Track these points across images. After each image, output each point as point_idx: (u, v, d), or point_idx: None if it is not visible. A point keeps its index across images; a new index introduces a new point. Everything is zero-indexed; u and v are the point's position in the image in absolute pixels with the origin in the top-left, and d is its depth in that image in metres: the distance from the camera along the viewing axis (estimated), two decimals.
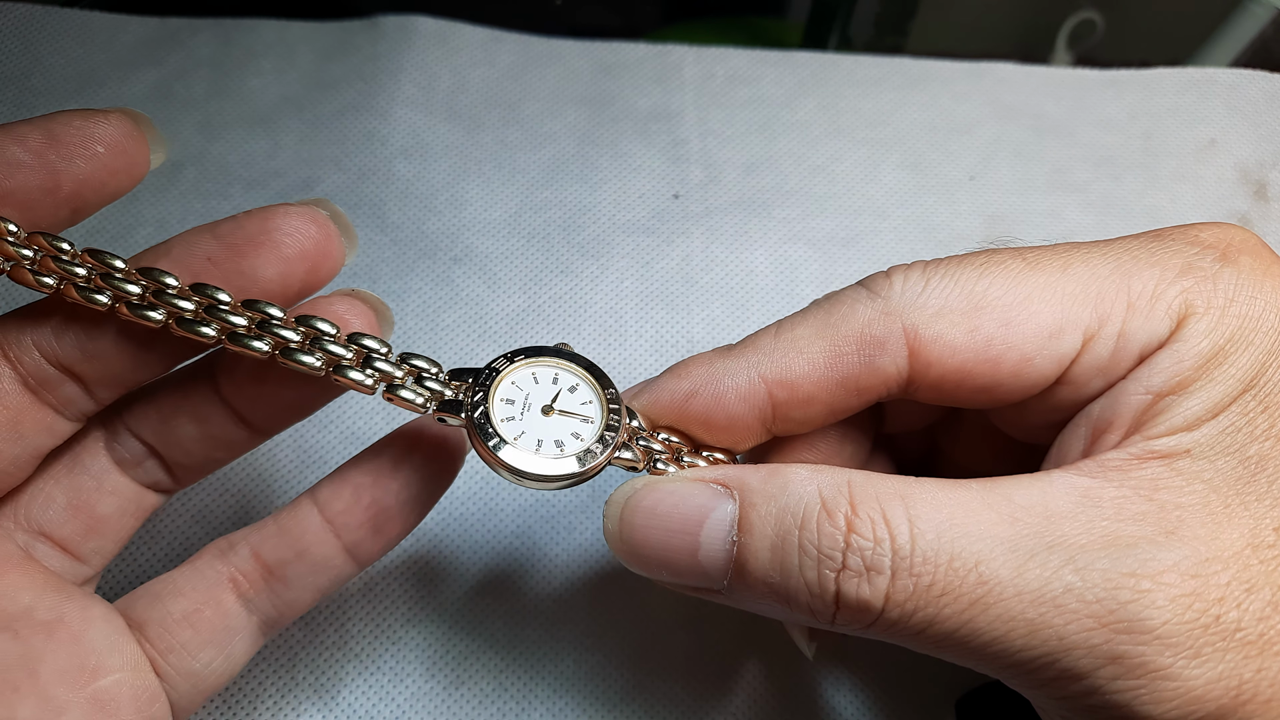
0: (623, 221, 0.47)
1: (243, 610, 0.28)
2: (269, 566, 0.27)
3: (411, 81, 0.49)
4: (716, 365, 0.27)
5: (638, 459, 0.27)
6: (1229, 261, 0.24)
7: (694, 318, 0.44)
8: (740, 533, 0.24)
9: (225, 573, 0.27)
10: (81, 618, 0.26)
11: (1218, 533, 0.22)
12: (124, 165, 0.24)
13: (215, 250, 0.25)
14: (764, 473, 0.24)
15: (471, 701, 0.36)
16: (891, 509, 0.23)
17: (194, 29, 0.50)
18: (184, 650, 0.27)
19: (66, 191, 0.24)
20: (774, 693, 0.37)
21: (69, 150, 0.23)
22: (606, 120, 0.49)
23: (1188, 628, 0.21)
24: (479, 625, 0.37)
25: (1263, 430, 0.23)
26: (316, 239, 0.26)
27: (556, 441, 0.26)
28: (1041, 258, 0.25)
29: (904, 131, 0.50)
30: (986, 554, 0.22)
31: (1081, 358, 0.24)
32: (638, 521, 0.25)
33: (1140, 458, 0.23)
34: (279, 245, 0.25)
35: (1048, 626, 0.22)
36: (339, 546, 0.28)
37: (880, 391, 0.26)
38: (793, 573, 0.23)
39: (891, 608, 0.22)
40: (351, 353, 0.26)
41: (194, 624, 0.27)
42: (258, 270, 0.25)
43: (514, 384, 0.27)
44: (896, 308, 0.25)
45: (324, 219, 0.26)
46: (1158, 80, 0.52)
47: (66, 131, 0.24)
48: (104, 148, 0.24)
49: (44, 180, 0.23)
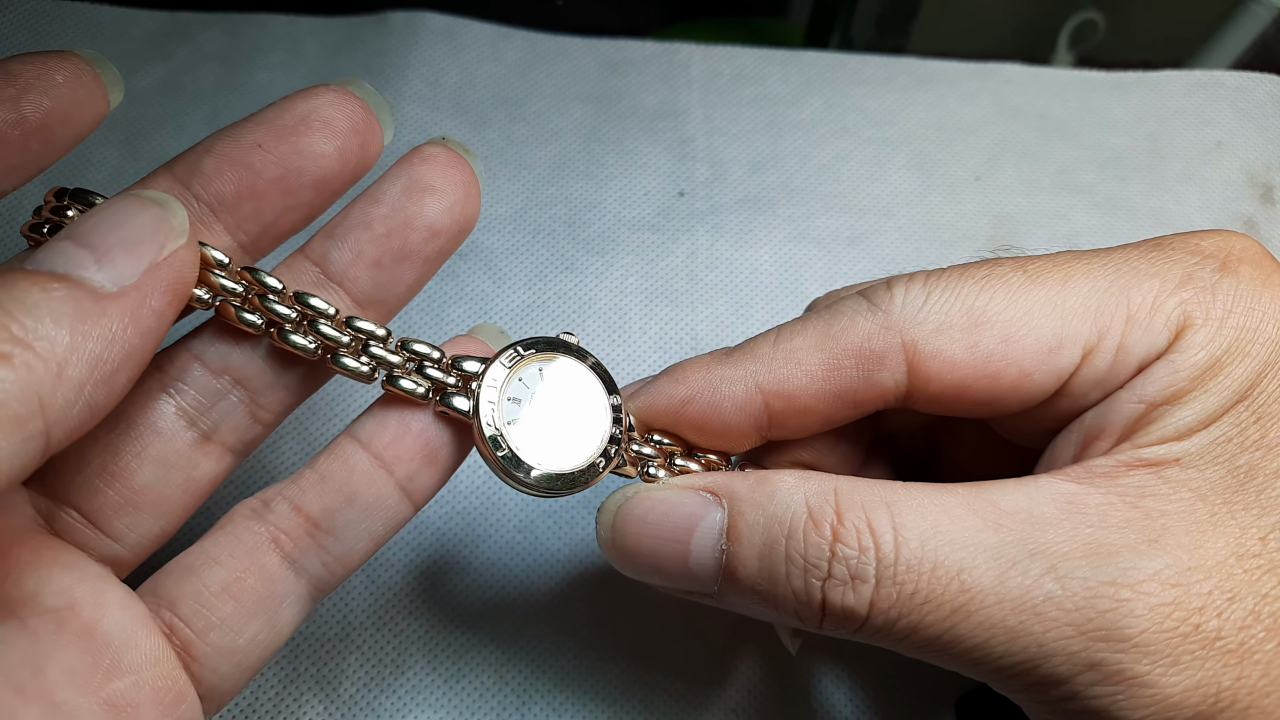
0: (628, 218, 0.47)
1: (289, 572, 0.25)
2: (313, 519, 0.25)
3: (419, 77, 0.49)
4: (714, 372, 0.27)
5: (630, 464, 0.27)
6: (1229, 271, 0.24)
7: (698, 315, 0.44)
8: (729, 541, 0.24)
9: (264, 533, 0.25)
10: (95, 604, 0.23)
11: (1202, 541, 0.22)
12: (85, 97, 0.24)
13: (265, 136, 0.25)
14: (752, 481, 0.25)
15: (473, 694, 0.36)
16: (876, 517, 0.23)
17: (203, 23, 0.51)
18: (226, 626, 0.24)
19: (33, 123, 0.24)
20: (773, 691, 0.37)
21: (29, 83, 0.24)
22: (613, 117, 0.50)
23: (1166, 636, 0.21)
24: (481, 619, 0.37)
25: (1254, 440, 0.23)
26: (363, 114, 0.26)
27: (559, 447, 0.26)
28: (1042, 270, 0.25)
29: (910, 131, 0.50)
30: (969, 562, 0.22)
31: (1080, 371, 0.24)
32: (629, 530, 0.25)
33: (1128, 465, 0.23)
34: (331, 122, 0.25)
35: (1027, 634, 0.22)
36: (392, 484, 0.25)
37: (878, 404, 0.26)
38: (780, 580, 0.24)
39: (876, 615, 0.23)
40: (349, 337, 0.25)
41: (235, 595, 0.24)
42: (314, 148, 0.25)
43: (521, 381, 0.26)
44: (896, 322, 0.25)
45: (362, 96, 0.26)
46: (1165, 82, 0.52)
47: (23, 67, 0.24)
48: (62, 77, 0.24)
49: (8, 113, 0.23)
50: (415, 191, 0.26)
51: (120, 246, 0.20)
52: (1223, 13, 0.54)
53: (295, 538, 0.25)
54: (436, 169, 0.26)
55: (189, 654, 0.24)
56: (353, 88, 0.26)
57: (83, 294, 0.19)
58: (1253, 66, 0.53)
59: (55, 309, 0.19)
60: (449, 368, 0.26)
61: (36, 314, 0.18)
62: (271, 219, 0.25)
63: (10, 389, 0.18)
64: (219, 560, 0.25)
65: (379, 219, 0.26)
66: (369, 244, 0.26)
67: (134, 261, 0.20)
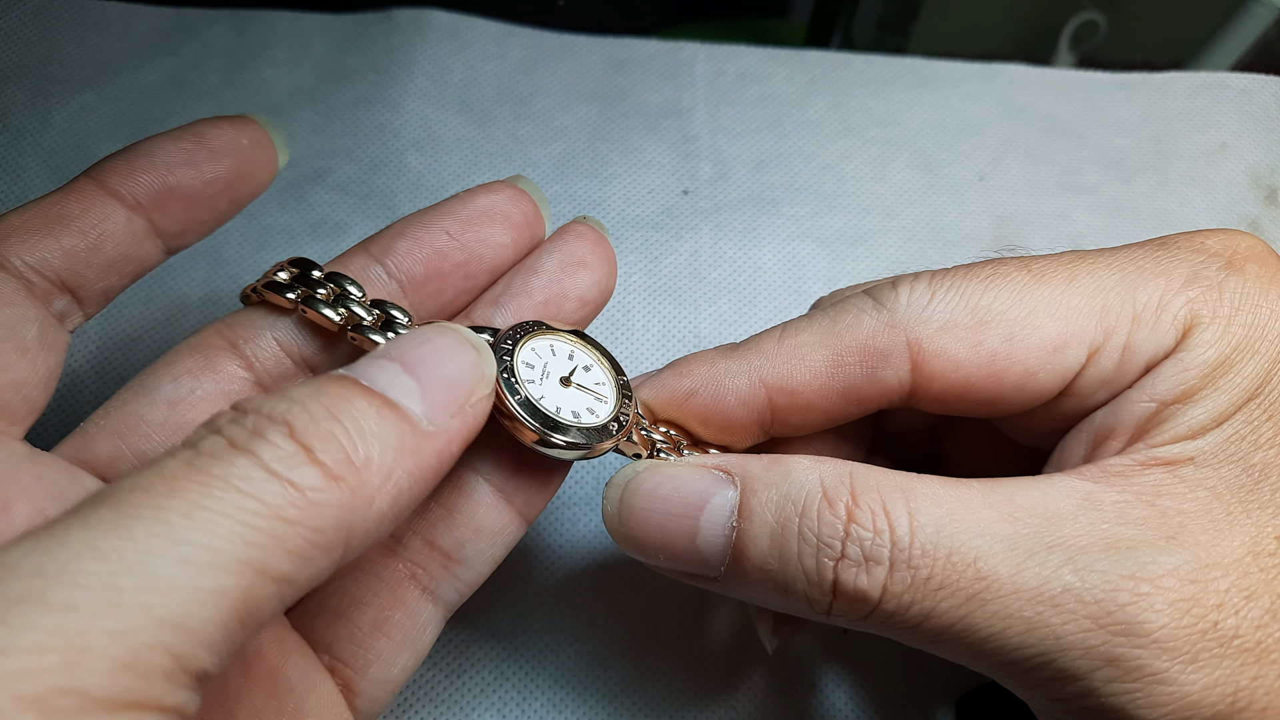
0: (632, 216, 0.47)
1: (428, 603, 0.27)
2: (446, 552, 0.27)
3: (424, 74, 0.50)
4: (718, 366, 0.27)
5: (641, 446, 0.27)
6: (1235, 270, 0.24)
7: (701, 313, 0.44)
8: (740, 518, 0.24)
9: (402, 570, 0.26)
10: (278, 650, 0.24)
11: (1219, 539, 0.22)
12: (263, 159, 0.27)
13: (451, 225, 0.27)
14: (766, 461, 0.25)
15: (473, 690, 0.36)
16: (892, 501, 0.23)
17: (209, 19, 0.51)
18: (381, 661, 0.26)
19: (223, 183, 0.26)
20: (774, 689, 0.37)
21: (220, 147, 0.26)
22: (617, 116, 0.50)
23: (1185, 633, 0.21)
24: (481, 614, 0.37)
25: (1267, 438, 0.23)
26: (532, 209, 0.29)
27: (573, 412, 0.26)
28: (1047, 269, 0.25)
29: (914, 131, 0.50)
30: (985, 550, 0.22)
31: (1086, 371, 0.24)
32: (637, 504, 0.25)
33: (1144, 464, 0.23)
34: (509, 215, 0.28)
35: (1044, 625, 0.22)
36: (512, 512, 0.27)
37: (881, 402, 0.26)
38: (791, 560, 0.23)
39: (888, 599, 0.22)
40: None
41: (386, 631, 0.26)
42: (495, 238, 0.28)
43: (534, 350, 0.27)
44: (901, 320, 0.25)
45: (530, 194, 0.29)
46: (1169, 84, 0.52)
47: (214, 132, 0.26)
48: (248, 141, 0.27)
49: (204, 174, 0.26)
50: (570, 265, 0.28)
51: (443, 385, 0.21)
52: (1224, 13, 0.53)
53: (431, 571, 0.27)
54: (586, 246, 0.29)
55: (351, 691, 0.25)
56: (523, 185, 0.29)
57: (407, 427, 0.19)
58: (1254, 67, 0.53)
59: (386, 438, 0.19)
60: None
61: (370, 440, 0.19)
62: (451, 298, 0.28)
63: (331, 515, 0.17)
64: (364, 600, 0.26)
65: (538, 288, 0.28)
66: (529, 311, 0.28)
67: (451, 403, 0.21)
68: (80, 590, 0.15)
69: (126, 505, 0.16)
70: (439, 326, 0.23)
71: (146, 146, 0.26)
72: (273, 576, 0.17)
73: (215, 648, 0.16)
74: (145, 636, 0.15)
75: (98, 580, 0.15)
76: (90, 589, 0.15)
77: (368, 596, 0.26)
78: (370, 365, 0.20)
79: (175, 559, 0.15)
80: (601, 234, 0.29)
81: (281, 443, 0.17)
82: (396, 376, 0.20)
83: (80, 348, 0.41)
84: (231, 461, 0.17)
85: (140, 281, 0.35)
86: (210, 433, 0.18)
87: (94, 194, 0.25)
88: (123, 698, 0.15)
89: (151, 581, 0.15)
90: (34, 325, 0.24)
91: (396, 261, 0.27)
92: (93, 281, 0.25)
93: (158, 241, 0.26)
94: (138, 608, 0.15)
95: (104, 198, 0.25)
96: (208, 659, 0.16)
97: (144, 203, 0.25)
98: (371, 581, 0.26)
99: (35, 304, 0.24)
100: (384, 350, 0.21)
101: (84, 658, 0.14)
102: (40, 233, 0.24)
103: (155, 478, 0.17)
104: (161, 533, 0.16)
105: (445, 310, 0.28)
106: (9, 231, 0.24)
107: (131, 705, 0.15)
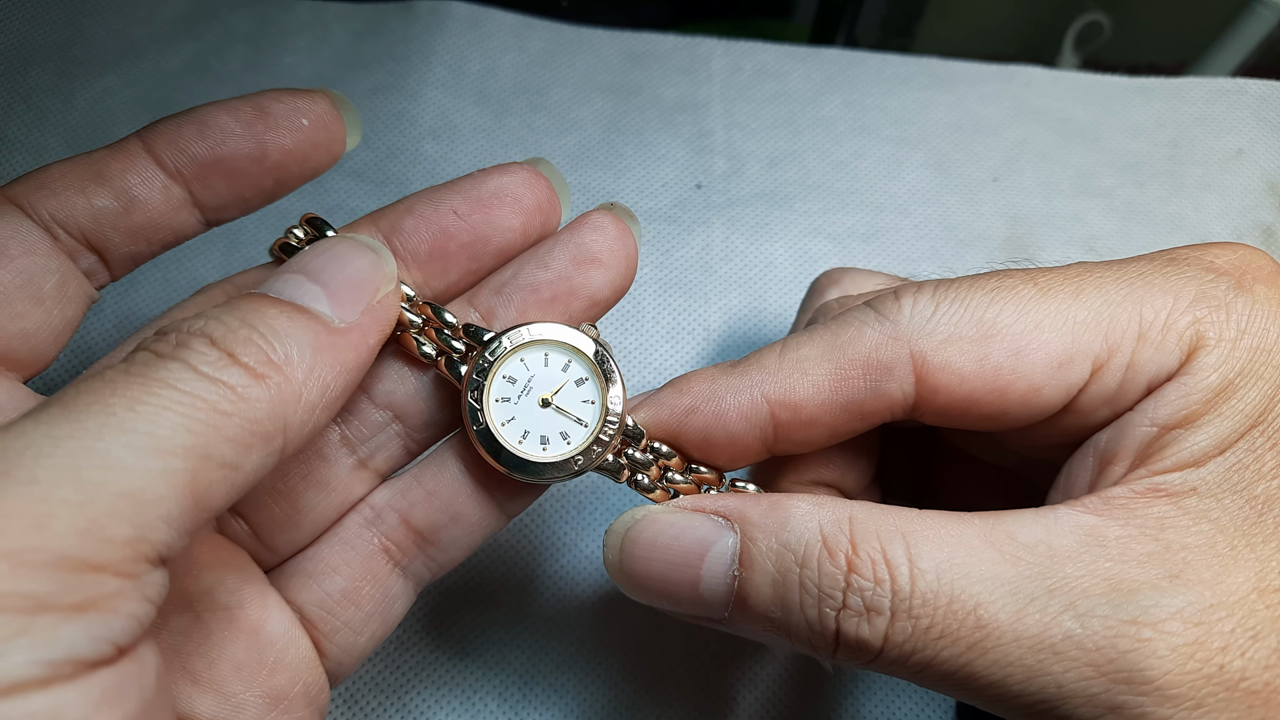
0: (645, 209, 0.47)
1: (399, 578, 0.27)
2: (421, 533, 0.27)
3: (442, 64, 0.50)
4: (719, 382, 0.26)
5: (621, 469, 0.27)
6: (1243, 290, 0.24)
7: (711, 307, 0.45)
8: (741, 567, 0.24)
9: (376, 543, 0.27)
10: (260, 605, 0.25)
11: (1223, 576, 0.22)
12: (324, 140, 0.27)
13: (460, 204, 0.27)
14: (765, 506, 0.24)
15: (475, 674, 0.36)
16: (892, 548, 0.23)
17: (232, 5, 0.51)
18: (349, 629, 0.26)
19: (272, 161, 0.26)
20: (774, 685, 0.37)
21: (276, 122, 0.26)
22: (633, 109, 0.50)
23: (1190, 678, 0.21)
24: (485, 600, 0.37)
25: (1270, 468, 0.23)
26: (548, 194, 0.28)
27: (543, 437, 0.26)
28: (1053, 282, 0.25)
29: (928, 131, 0.50)
30: (986, 596, 0.22)
31: (1089, 387, 0.24)
32: (638, 554, 0.25)
33: (1146, 494, 0.23)
34: (520, 199, 0.27)
35: (1045, 674, 0.21)
36: (493, 505, 0.27)
37: (885, 415, 0.26)
38: (793, 609, 0.23)
39: (890, 648, 0.22)
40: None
41: (356, 602, 0.26)
42: (503, 221, 0.27)
43: (522, 361, 0.26)
44: (905, 333, 0.25)
45: (549, 178, 0.28)
46: (1186, 89, 0.52)
47: (275, 105, 0.26)
48: (308, 121, 0.26)
49: (252, 149, 0.26)
50: (582, 262, 0.27)
51: (346, 286, 0.23)
52: (1229, 15, 0.53)
53: (404, 548, 0.27)
54: (604, 241, 0.27)
55: (320, 652, 0.26)
56: (542, 168, 0.28)
57: (319, 327, 0.21)
58: (1259, 69, 0.52)
59: (300, 338, 0.21)
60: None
61: (285, 340, 0.20)
62: (456, 278, 0.27)
63: (264, 408, 0.19)
64: (337, 569, 0.27)
65: (545, 284, 0.27)
66: (534, 307, 0.27)
67: (357, 301, 0.23)
68: (40, 469, 0.16)
69: (73, 404, 0.18)
70: (336, 237, 0.24)
71: (200, 114, 0.25)
72: (217, 462, 0.18)
73: (172, 522, 0.18)
74: (104, 506, 0.17)
75: (55, 461, 0.17)
76: (49, 468, 0.17)
77: (340, 564, 0.27)
78: (276, 280, 0.22)
79: (124, 444, 0.17)
80: (625, 226, 0.28)
81: (205, 350, 0.19)
82: (301, 285, 0.22)
83: (95, 324, 0.42)
84: (165, 366, 0.19)
85: (157, 259, 0.35)
86: (139, 350, 0.20)
87: (136, 156, 0.25)
88: (90, 559, 0.16)
89: (105, 460, 0.17)
90: (54, 276, 0.24)
91: (402, 239, 0.27)
92: (119, 245, 0.25)
93: (195, 212, 0.26)
94: (94, 483, 0.17)
95: (146, 161, 0.25)
96: (166, 532, 0.18)
97: (185, 171, 0.25)
98: (345, 550, 0.27)
99: (60, 255, 0.24)
100: (287, 265, 0.23)
101: (49, 522, 0.16)
102: (74, 188, 0.24)
103: (97, 382, 0.18)
104: (110, 423, 0.17)
105: (452, 290, 0.28)
106: (46, 181, 0.24)
107: (97, 568, 0.17)
